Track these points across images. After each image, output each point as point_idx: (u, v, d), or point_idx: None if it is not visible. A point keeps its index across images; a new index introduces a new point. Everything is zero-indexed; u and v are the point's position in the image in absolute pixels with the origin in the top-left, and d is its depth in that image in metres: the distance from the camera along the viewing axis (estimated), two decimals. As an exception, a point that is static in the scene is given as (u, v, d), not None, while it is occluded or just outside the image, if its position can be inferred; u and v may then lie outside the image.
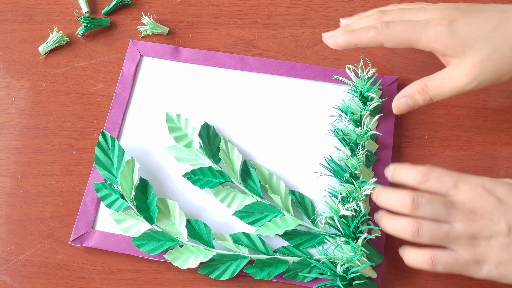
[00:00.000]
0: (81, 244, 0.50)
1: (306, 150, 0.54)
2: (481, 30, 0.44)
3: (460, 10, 0.46)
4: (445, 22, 0.45)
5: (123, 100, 0.56)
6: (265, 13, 0.61)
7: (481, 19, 0.45)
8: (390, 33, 0.46)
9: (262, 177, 0.52)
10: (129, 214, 0.50)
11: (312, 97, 0.56)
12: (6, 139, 0.55)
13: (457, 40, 0.44)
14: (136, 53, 0.58)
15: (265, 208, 0.51)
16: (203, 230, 0.49)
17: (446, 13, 0.45)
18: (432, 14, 0.46)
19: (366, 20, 0.49)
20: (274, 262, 0.49)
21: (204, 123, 0.54)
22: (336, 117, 0.55)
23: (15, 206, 0.53)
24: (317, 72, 0.57)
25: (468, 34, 0.44)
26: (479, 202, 0.42)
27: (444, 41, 0.45)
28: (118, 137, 0.55)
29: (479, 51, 0.44)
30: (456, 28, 0.44)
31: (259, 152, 0.54)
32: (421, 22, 0.45)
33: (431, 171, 0.43)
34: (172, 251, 0.49)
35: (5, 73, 0.58)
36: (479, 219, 0.41)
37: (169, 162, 0.54)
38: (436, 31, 0.45)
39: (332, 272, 0.47)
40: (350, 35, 0.47)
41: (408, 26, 0.45)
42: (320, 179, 0.53)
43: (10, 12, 0.61)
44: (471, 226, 0.42)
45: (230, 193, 0.52)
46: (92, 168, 0.53)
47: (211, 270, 0.48)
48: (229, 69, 0.57)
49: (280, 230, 0.50)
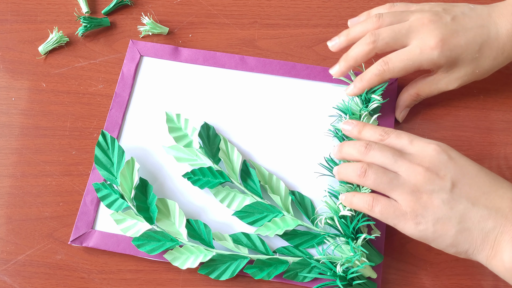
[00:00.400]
0: (81, 244, 0.50)
1: (306, 150, 0.54)
2: (468, 51, 0.49)
3: (448, 28, 0.49)
4: (440, 46, 0.49)
5: (123, 100, 0.56)
6: (265, 13, 0.61)
7: (468, 40, 0.49)
8: (393, 69, 0.50)
9: (262, 177, 0.52)
10: (129, 214, 0.50)
11: (312, 97, 0.56)
12: (6, 139, 0.55)
13: (449, 61, 0.49)
14: (136, 53, 0.58)
15: (265, 208, 0.51)
16: (203, 230, 0.49)
17: (437, 33, 0.49)
18: (423, 35, 0.49)
19: (360, 43, 0.51)
20: (274, 262, 0.49)
21: (204, 123, 0.54)
22: (336, 117, 0.55)
23: (15, 206, 0.53)
24: (317, 72, 0.57)
25: (458, 56, 0.49)
26: (428, 157, 0.43)
27: (438, 64, 0.50)
28: (118, 137, 0.55)
29: (464, 68, 0.50)
30: (450, 52, 0.49)
31: (259, 152, 0.54)
32: (416, 50, 0.49)
33: (391, 130, 0.45)
34: (172, 251, 0.49)
35: (5, 73, 0.58)
36: (425, 171, 0.42)
37: (169, 162, 0.54)
38: (433, 57, 0.49)
39: (332, 272, 0.47)
40: (360, 83, 0.51)
41: (406, 59, 0.49)
42: (320, 179, 0.53)
43: (10, 12, 0.61)
44: (416, 178, 0.42)
45: (230, 193, 0.52)
46: (92, 168, 0.53)
47: (211, 270, 0.48)
48: (229, 69, 0.57)
49: (280, 230, 0.50)
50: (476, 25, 0.49)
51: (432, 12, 0.50)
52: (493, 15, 0.50)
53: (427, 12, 0.50)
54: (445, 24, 0.49)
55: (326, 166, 0.52)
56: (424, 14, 0.50)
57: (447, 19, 0.49)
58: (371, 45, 0.49)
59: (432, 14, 0.50)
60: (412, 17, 0.50)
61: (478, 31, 0.49)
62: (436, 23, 0.49)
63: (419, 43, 0.49)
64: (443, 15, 0.50)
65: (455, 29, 0.49)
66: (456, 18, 0.50)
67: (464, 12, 0.50)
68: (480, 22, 0.49)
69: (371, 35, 0.50)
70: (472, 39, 0.49)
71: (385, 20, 0.51)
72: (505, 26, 0.49)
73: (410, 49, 0.49)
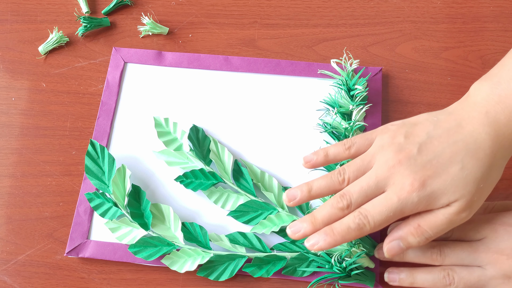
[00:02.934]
0: (77, 255, 0.50)
1: (296, 146, 0.54)
2: (452, 175, 0.41)
3: (417, 163, 0.41)
4: (416, 187, 0.41)
5: (109, 108, 0.56)
6: (265, 13, 0.61)
7: (445, 165, 0.41)
8: (374, 224, 0.42)
9: (254, 175, 0.52)
10: (123, 222, 0.50)
11: (298, 93, 0.56)
12: (6, 139, 0.55)
13: (437, 197, 0.41)
14: (119, 60, 0.58)
15: (260, 206, 0.51)
16: (199, 233, 0.49)
17: (408, 174, 0.41)
18: (394, 181, 0.41)
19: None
20: (272, 259, 0.49)
21: (192, 125, 0.54)
22: (323, 110, 0.55)
23: (15, 206, 0.53)
24: (302, 68, 0.57)
25: (444, 186, 0.41)
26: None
27: (424, 205, 0.41)
28: (107, 145, 0.54)
29: (465, 189, 0.41)
30: (430, 188, 0.41)
31: (249, 151, 0.54)
32: (393, 199, 0.41)
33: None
34: (170, 256, 0.49)
35: (5, 73, 0.58)
36: (507, 259, 0.43)
37: (160, 167, 0.53)
38: (413, 201, 0.41)
39: (330, 264, 0.47)
40: (332, 237, 0.42)
41: (386, 210, 0.41)
42: (311, 174, 0.53)
43: (10, 12, 0.61)
44: (502, 267, 0.43)
45: (224, 193, 0.52)
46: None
47: (209, 272, 0.48)
48: (214, 70, 0.57)
49: (275, 227, 0.50)
50: (447, 145, 0.41)
51: (395, 149, 0.42)
52: (463, 124, 0.42)
53: (390, 151, 0.42)
54: (414, 160, 0.41)
55: None
56: (388, 155, 0.42)
57: (413, 152, 0.42)
58: (346, 211, 0.42)
59: (395, 152, 0.42)
60: (376, 163, 0.43)
61: (452, 149, 0.41)
62: (403, 164, 0.41)
63: (394, 190, 0.41)
64: (407, 147, 0.42)
65: (426, 161, 0.41)
66: (422, 146, 0.42)
67: (429, 134, 0.42)
68: (451, 139, 0.42)
69: (341, 198, 0.42)
70: (449, 161, 0.41)
71: (350, 175, 0.44)
72: (483, 130, 0.41)
73: (386, 198, 0.41)
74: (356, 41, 0.59)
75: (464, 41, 0.59)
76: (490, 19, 0.60)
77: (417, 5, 0.61)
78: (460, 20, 0.60)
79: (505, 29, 0.59)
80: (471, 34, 0.59)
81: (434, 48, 0.58)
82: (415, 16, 0.60)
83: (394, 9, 0.61)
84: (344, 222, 0.42)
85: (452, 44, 0.59)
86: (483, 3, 0.61)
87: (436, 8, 0.61)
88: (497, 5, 0.60)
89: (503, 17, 0.60)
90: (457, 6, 0.61)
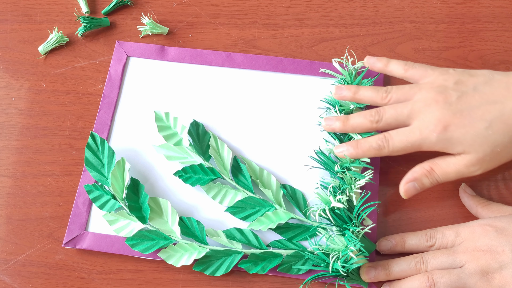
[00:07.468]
0: (74, 246, 0.50)
1: (296, 144, 0.54)
2: (475, 129, 0.45)
3: (451, 109, 0.45)
4: (439, 129, 0.45)
5: (111, 101, 0.56)
6: (264, 13, 0.61)
7: (474, 119, 0.45)
8: (392, 149, 0.47)
9: (253, 172, 0.52)
10: (121, 215, 0.50)
11: (299, 91, 0.56)
12: (6, 139, 0.55)
13: (454, 143, 0.46)
14: (122, 54, 0.58)
15: (257, 202, 0.51)
16: (196, 227, 0.50)
17: (437, 115, 0.46)
18: (423, 117, 0.46)
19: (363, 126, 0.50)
20: (268, 256, 0.49)
21: (193, 121, 0.54)
22: (324, 109, 0.55)
23: (15, 206, 0.53)
24: (304, 66, 0.57)
25: (463, 136, 0.45)
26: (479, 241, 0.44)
27: (441, 146, 0.46)
28: (107, 138, 0.55)
29: (481, 147, 0.45)
30: (451, 133, 0.45)
31: (249, 148, 0.54)
32: (416, 132, 0.46)
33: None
34: (166, 250, 0.49)
35: (5, 73, 0.58)
36: (483, 254, 0.43)
37: (159, 161, 0.54)
38: (431, 140, 0.46)
39: (325, 263, 0.47)
40: (355, 150, 0.49)
41: (405, 140, 0.47)
42: (310, 172, 0.53)
43: (10, 12, 0.61)
44: (478, 263, 0.43)
45: (222, 189, 0.52)
46: (89, 168, 0.54)
47: (205, 267, 0.48)
48: (216, 66, 0.58)
49: (272, 224, 0.50)
50: (486, 102, 0.45)
51: (439, 90, 0.47)
52: (511, 89, 0.45)
53: (434, 90, 0.47)
54: (449, 104, 0.46)
55: (316, 158, 0.52)
56: (430, 93, 0.47)
57: (452, 98, 0.46)
58: (374, 124, 0.48)
59: (437, 93, 0.46)
60: (418, 96, 0.47)
61: (488, 108, 0.45)
62: (438, 104, 0.46)
63: (419, 124, 0.46)
64: (450, 92, 0.46)
65: (459, 109, 0.45)
66: (463, 96, 0.46)
67: (476, 87, 0.46)
68: (492, 98, 0.45)
69: (376, 113, 0.48)
70: (480, 117, 0.45)
71: (392, 96, 0.49)
72: None
73: (410, 130, 0.47)
74: (356, 41, 0.59)
75: (464, 41, 0.59)
76: (490, 19, 0.60)
77: (417, 5, 0.61)
78: (460, 20, 0.60)
79: (505, 29, 0.59)
80: (471, 34, 0.59)
81: (434, 48, 0.58)
82: (415, 16, 0.60)
83: (394, 9, 0.61)
84: (368, 140, 0.48)
85: (452, 44, 0.59)
86: (483, 3, 0.61)
87: (436, 8, 0.61)
88: (497, 5, 0.60)
89: (503, 17, 0.60)
90: (457, 6, 0.61)
